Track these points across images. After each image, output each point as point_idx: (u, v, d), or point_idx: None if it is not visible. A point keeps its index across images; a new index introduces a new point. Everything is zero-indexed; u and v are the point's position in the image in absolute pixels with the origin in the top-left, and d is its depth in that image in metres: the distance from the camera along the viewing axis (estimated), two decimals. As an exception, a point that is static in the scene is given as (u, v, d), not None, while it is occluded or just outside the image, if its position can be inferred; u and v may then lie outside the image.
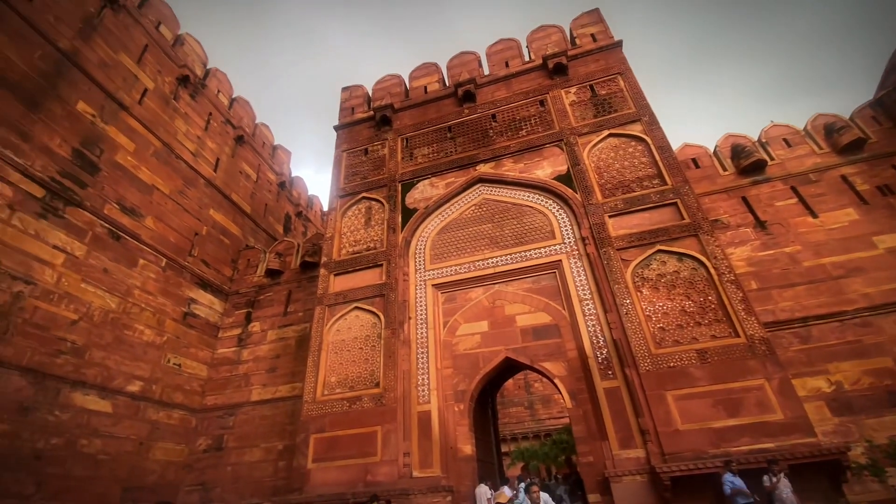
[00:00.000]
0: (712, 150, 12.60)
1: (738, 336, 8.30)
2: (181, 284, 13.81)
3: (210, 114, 17.21)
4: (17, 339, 9.26)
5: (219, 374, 13.90)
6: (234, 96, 19.29)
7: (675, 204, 10.19)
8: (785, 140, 12.00)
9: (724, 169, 12.07)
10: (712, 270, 9.08)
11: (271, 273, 15.35)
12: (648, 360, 8.51)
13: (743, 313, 8.43)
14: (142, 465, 11.26)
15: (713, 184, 11.88)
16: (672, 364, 8.37)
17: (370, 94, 16.56)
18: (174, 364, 12.90)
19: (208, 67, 18.13)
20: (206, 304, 14.58)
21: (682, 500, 7.36)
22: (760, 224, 10.90)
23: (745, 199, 11.38)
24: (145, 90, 14.23)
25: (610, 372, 8.99)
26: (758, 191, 11.40)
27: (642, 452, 8.04)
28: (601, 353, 9.23)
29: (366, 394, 10.10)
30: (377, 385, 10.15)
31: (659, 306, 9.12)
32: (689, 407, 7.92)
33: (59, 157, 10.97)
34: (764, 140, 12.20)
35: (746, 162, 11.67)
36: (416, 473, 9.15)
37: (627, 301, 9.25)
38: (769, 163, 11.69)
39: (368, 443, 9.50)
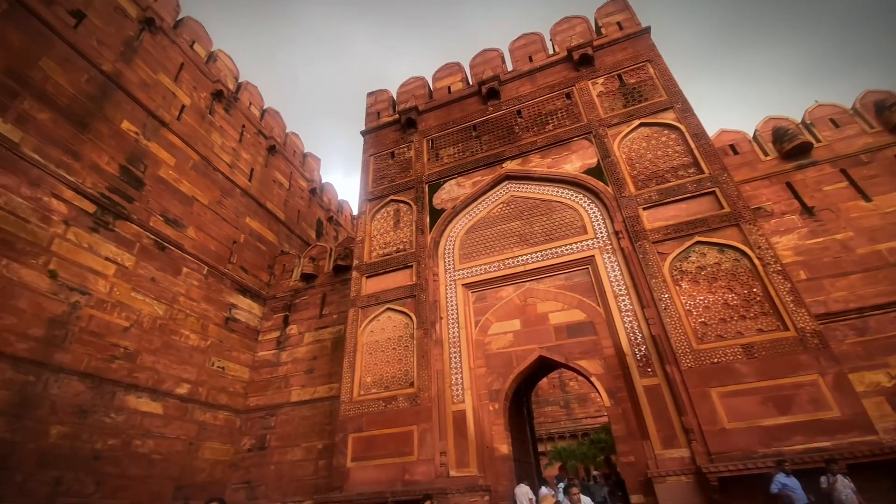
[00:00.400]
0: (751, 135, 12.00)
1: (788, 329, 7.87)
2: (222, 291, 14.39)
3: (243, 126, 17.86)
4: (75, 346, 9.91)
5: (260, 375, 14.40)
6: (264, 107, 19.93)
7: (714, 193, 9.78)
8: (832, 120, 11.27)
9: (766, 154, 11.46)
10: (756, 261, 8.66)
11: (306, 277, 15.77)
12: (690, 357, 8.21)
13: (792, 305, 7.99)
14: (192, 464, 11.81)
15: (754, 170, 11.32)
16: (716, 360, 8.04)
17: (395, 97, 16.75)
18: (218, 367, 13.47)
19: (240, 81, 18.82)
20: (246, 309, 15.14)
21: (731, 501, 7.06)
22: (807, 210, 10.29)
23: (789, 185, 10.77)
24: (183, 106, 14.92)
25: (649, 369, 8.72)
26: (803, 175, 10.77)
27: (686, 452, 7.76)
28: (639, 350, 8.98)
29: (401, 393, 10.21)
30: (411, 385, 10.24)
31: (700, 300, 8.78)
32: (736, 404, 7.57)
33: (107, 173, 11.66)
34: (808, 121, 11.50)
35: (790, 145, 11.03)
36: (453, 473, 9.18)
37: (666, 296, 8.95)
38: (815, 145, 11.01)
39: (405, 442, 9.60)
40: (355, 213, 24.69)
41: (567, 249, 10.79)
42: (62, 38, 11.33)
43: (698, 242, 9.36)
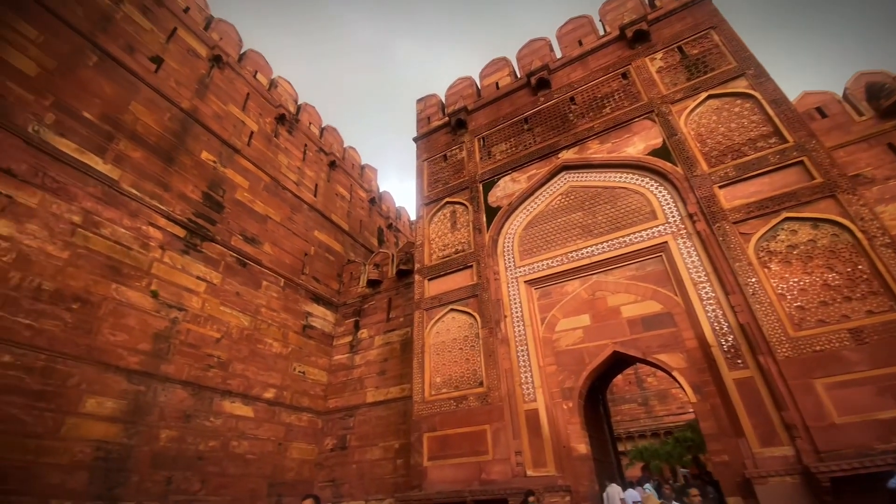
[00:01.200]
0: (840, 95, 10.65)
1: (906, 309, 6.88)
2: (298, 300, 15.35)
3: (305, 145, 18.95)
4: (177, 357, 11.03)
5: (337, 378, 15.16)
6: (323, 126, 21.01)
7: (801, 163, 8.79)
8: (946, 65, 9.68)
9: (860, 114, 10.07)
10: (859, 234, 7.66)
11: (372, 283, 16.39)
12: (787, 345, 7.43)
13: (908, 281, 6.98)
14: (282, 464, 12.69)
15: (847, 133, 10.00)
16: (818, 348, 7.21)
17: (443, 101, 16.89)
18: (299, 372, 14.37)
19: (299, 103, 19.98)
20: (321, 316, 16.03)
21: (845, 503, 6.29)
22: (921, 172, 8.92)
23: (891, 147, 9.38)
24: (251, 133, 16.13)
25: (739, 361, 8.01)
26: (909, 133, 9.35)
27: (790, 450, 7.04)
28: (726, 341, 8.28)
29: (470, 393, 10.25)
30: (480, 384, 10.24)
31: (794, 282, 7.92)
32: (846, 396, 6.74)
33: (192, 200, 12.89)
34: (911, 71, 9.98)
35: (888, 102, 9.57)
36: (530, 472, 9.04)
37: (753, 280, 8.18)
38: (922, 97, 9.52)
39: (479, 441, 9.62)
40: (413, 218, 25.25)
41: (636, 237, 10.22)
42: (146, 82, 12.70)
43: (787, 219, 8.46)
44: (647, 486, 10.99)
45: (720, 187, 9.43)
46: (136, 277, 10.70)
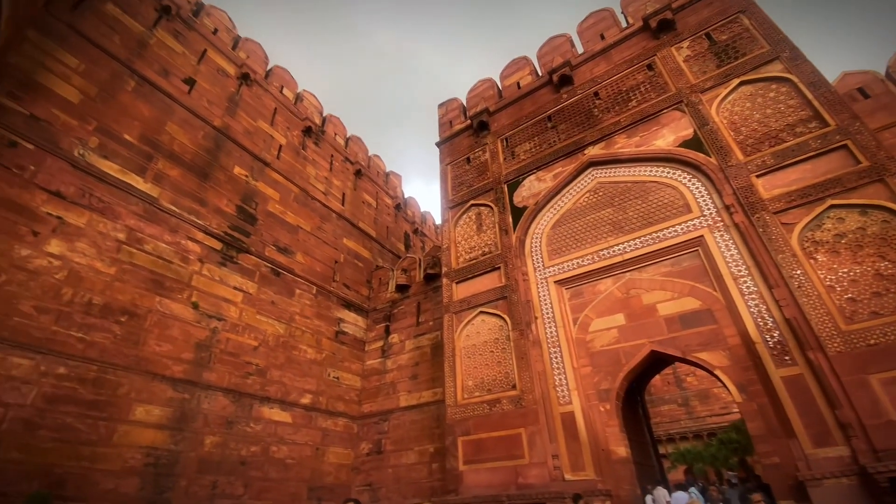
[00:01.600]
0: (883, 74, 10.03)
1: (973, 298, 6.38)
2: (330, 307, 15.66)
3: (332, 155, 19.38)
4: (218, 365, 11.44)
5: (370, 383, 15.34)
6: (348, 136, 21.44)
7: (845, 147, 8.32)
8: None
9: (908, 92, 9.49)
10: (916, 219, 7.18)
11: (400, 288, 16.53)
12: (838, 340, 7.03)
13: (976, 268, 6.48)
14: (320, 468, 12.93)
15: (893, 114, 9.41)
16: (873, 341, 6.78)
17: (465, 104, 16.91)
18: (333, 377, 14.63)
19: (324, 115, 20.45)
20: (352, 322, 16.30)
21: (909, 506, 5.88)
22: (983, 149, 8.29)
23: (948, 124, 8.78)
24: (280, 146, 16.61)
25: (787, 357, 7.63)
26: (967, 109, 8.71)
27: (845, 450, 6.64)
28: (771, 337, 7.89)
29: (503, 396, 10.16)
30: (513, 387, 10.14)
31: (843, 273, 7.49)
32: (907, 392, 6.32)
33: (227, 214, 13.38)
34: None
35: None
36: (568, 476, 8.87)
37: (798, 272, 7.78)
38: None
39: (514, 445, 9.52)
40: (438, 222, 25.36)
41: (670, 232, 9.91)
42: (180, 103, 13.30)
43: (833, 206, 8.02)
44: (693, 489, 10.60)
45: (758, 176, 9.03)
46: (177, 290, 11.17)
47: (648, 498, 8.84)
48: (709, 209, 9.60)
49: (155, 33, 13.40)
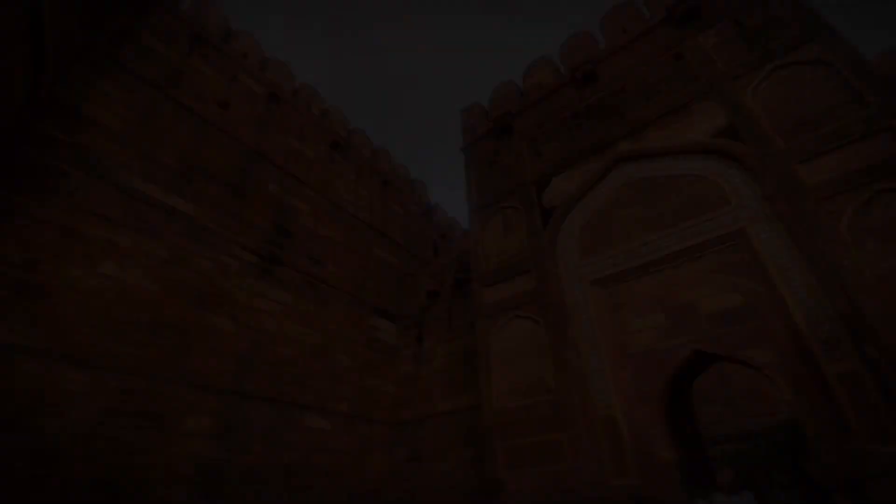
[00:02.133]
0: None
1: None
2: (363, 316, 15.91)
3: (359, 167, 19.75)
4: (259, 376, 11.80)
5: (405, 390, 15.44)
6: (374, 147, 21.79)
7: (891, 129, 7.82)
8: None
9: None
10: (982, 200, 6.66)
11: (430, 294, 16.60)
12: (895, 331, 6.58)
13: None
14: (359, 475, 13.08)
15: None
16: (940, 333, 6.32)
17: (487, 107, 16.91)
18: (370, 384, 14.83)
19: (350, 129, 20.88)
20: (385, 330, 16.49)
21: None
22: None
23: None
24: (310, 161, 17.07)
25: (839, 352, 7.19)
26: None
27: (912, 449, 6.20)
28: (822, 331, 7.47)
29: (540, 400, 10.02)
30: (550, 391, 9.98)
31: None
32: (984, 387, 5.84)
33: (263, 228, 13.84)
34: None
35: None
36: (613, 482, 8.64)
37: (847, 261, 7.35)
38: None
39: (553, 450, 9.37)
40: (465, 227, 25.37)
41: (707, 226, 9.55)
42: (215, 125, 13.89)
43: (883, 191, 7.54)
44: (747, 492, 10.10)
45: (800, 163, 8.61)
46: (219, 304, 11.62)
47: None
48: (748, 200, 9.20)
49: (189, 61, 14.08)
